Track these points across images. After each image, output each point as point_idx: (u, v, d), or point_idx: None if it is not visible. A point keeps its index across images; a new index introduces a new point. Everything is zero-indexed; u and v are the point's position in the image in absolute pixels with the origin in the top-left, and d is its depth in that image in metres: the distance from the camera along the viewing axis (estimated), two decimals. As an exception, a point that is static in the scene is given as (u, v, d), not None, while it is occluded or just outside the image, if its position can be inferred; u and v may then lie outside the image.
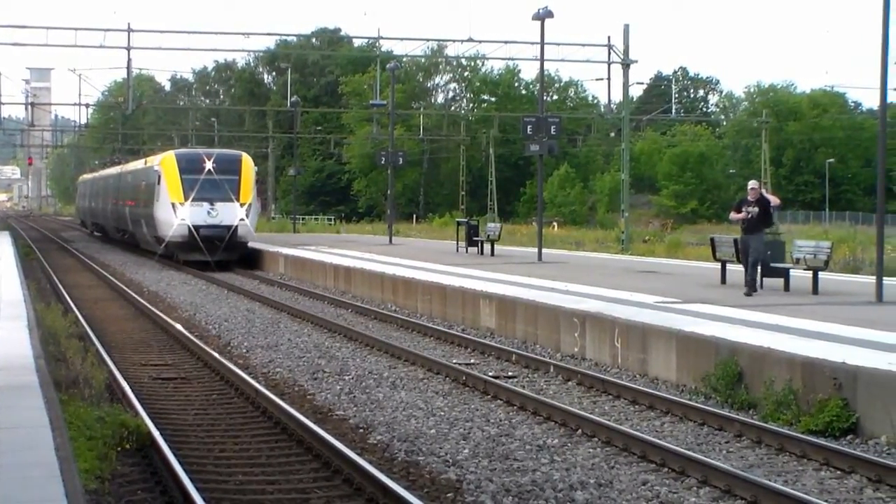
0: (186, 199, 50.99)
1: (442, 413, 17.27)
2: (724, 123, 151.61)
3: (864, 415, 15.26)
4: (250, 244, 53.22)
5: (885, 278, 25.61)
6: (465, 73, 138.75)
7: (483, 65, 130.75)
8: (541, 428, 16.22)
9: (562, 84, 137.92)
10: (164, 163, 53.56)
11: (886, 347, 17.07)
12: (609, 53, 63.32)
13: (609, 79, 64.28)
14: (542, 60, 41.76)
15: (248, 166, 53.06)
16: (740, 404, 17.31)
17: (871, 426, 15.10)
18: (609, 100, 67.65)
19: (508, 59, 73.67)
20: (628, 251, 56.26)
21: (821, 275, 27.11)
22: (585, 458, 14.31)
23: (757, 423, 15.85)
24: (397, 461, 14.02)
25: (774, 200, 26.00)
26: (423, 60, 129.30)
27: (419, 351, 23.55)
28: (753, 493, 12.26)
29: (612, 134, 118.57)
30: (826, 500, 12.07)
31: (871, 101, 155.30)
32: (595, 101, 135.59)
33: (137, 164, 65.94)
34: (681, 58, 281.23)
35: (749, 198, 25.65)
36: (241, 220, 51.09)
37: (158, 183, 52.95)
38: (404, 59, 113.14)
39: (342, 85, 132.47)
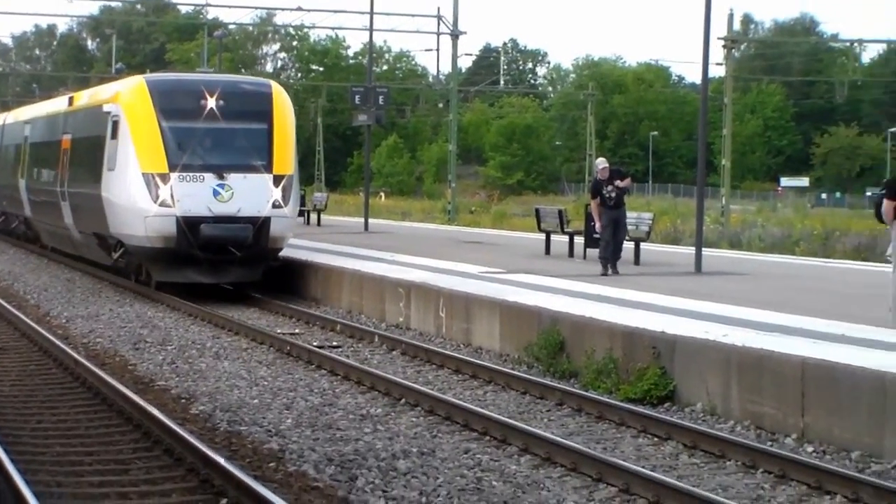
0: (173, 167, 26.33)
1: (265, 383, 17.16)
2: (552, 96, 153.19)
3: (681, 383, 15.56)
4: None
5: (703, 249, 26.15)
6: (294, 43, 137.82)
7: (312, 34, 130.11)
8: (364, 397, 16.22)
9: (392, 55, 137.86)
10: (128, 97, 28.01)
11: (703, 317, 17.43)
12: (438, 24, 63.55)
13: (438, 50, 64.90)
14: (371, 30, 41.77)
15: (285, 106, 28.07)
16: (562, 373, 17.52)
17: (688, 394, 15.40)
18: (438, 71, 68.04)
19: (339, 27, 73.57)
20: (454, 222, 56.59)
21: (643, 245, 27.58)
22: (408, 427, 14.35)
23: (578, 391, 16.07)
24: (219, 431, 13.88)
25: (626, 183, 24.90)
26: (251, 29, 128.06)
27: (243, 321, 23.38)
28: (573, 460, 12.42)
29: (441, 105, 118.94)
30: (643, 466, 12.27)
31: (693, 76, 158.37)
32: (424, 72, 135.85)
33: (61, 104, 36.93)
34: (511, 30, 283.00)
35: (599, 177, 24.70)
36: (276, 205, 26.66)
37: (114, 135, 27.73)
38: (232, 28, 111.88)
39: (169, 52, 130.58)
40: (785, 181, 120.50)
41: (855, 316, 17.37)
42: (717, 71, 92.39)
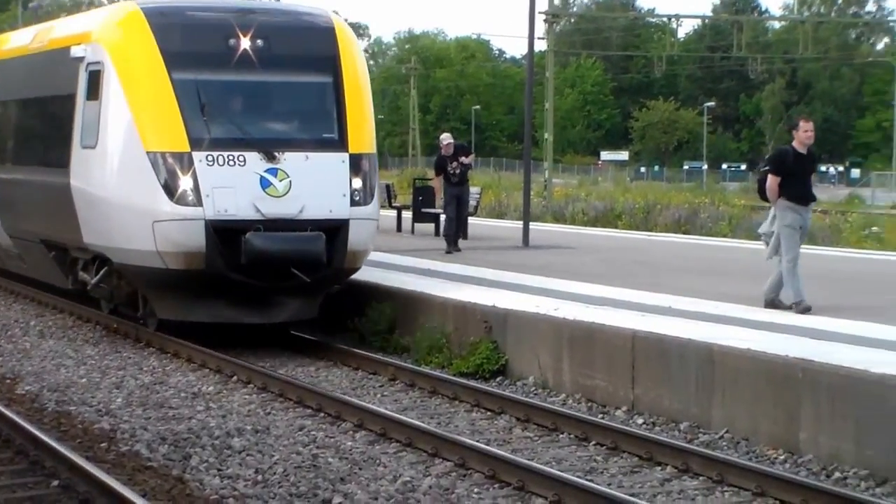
0: (196, 143, 17.04)
1: (93, 362, 16.85)
2: (374, 70, 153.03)
3: (513, 357, 15.70)
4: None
5: (530, 223, 26.42)
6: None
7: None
8: (195, 375, 16.04)
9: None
10: (115, 34, 18.27)
11: (533, 290, 17.61)
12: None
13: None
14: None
15: (355, 48, 18.94)
16: (395, 348, 17.54)
17: (520, 368, 15.55)
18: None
19: None
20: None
21: (470, 220, 27.75)
22: (241, 405, 14.23)
23: (411, 366, 16.11)
24: (48, 412, 13.60)
25: (470, 159, 24.39)
26: (67, 1, 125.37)
27: (68, 298, 22.88)
28: (408, 435, 12.45)
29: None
30: (477, 440, 12.36)
31: (513, 50, 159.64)
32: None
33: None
34: (331, 3, 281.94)
35: (444, 153, 24.12)
36: (357, 201, 17.48)
37: (92, 94, 18.38)
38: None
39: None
40: (605, 155, 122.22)
41: (680, 288, 17.71)
42: (538, 45, 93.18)
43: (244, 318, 17.31)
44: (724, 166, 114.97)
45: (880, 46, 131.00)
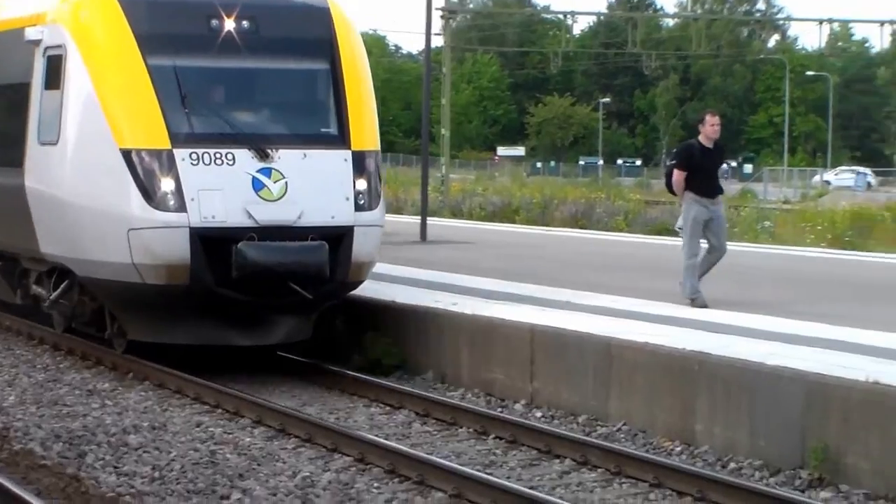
0: (178, 139, 14.92)
1: (-17, 359, 16.59)
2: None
3: (411, 352, 15.68)
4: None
5: (428, 219, 26.44)
6: None
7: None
8: (90, 372, 15.84)
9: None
10: (79, 13, 15.76)
11: (432, 285, 17.69)
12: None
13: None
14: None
15: (352, 33, 16.38)
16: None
17: (419, 362, 15.54)
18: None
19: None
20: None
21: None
22: (138, 402, 14.08)
23: (310, 361, 16.02)
24: (-62, 411, 13.38)
25: None
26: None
27: None
28: (307, 431, 12.41)
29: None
30: (377, 435, 12.34)
31: (409, 46, 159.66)
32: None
33: None
34: None
35: None
36: (362, 205, 15.39)
37: (51, 82, 15.99)
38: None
39: None
40: (501, 150, 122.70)
41: (579, 283, 17.81)
42: (434, 41, 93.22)
43: (233, 340, 15.22)
44: (620, 161, 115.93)
45: (771, 43, 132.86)
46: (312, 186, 15.05)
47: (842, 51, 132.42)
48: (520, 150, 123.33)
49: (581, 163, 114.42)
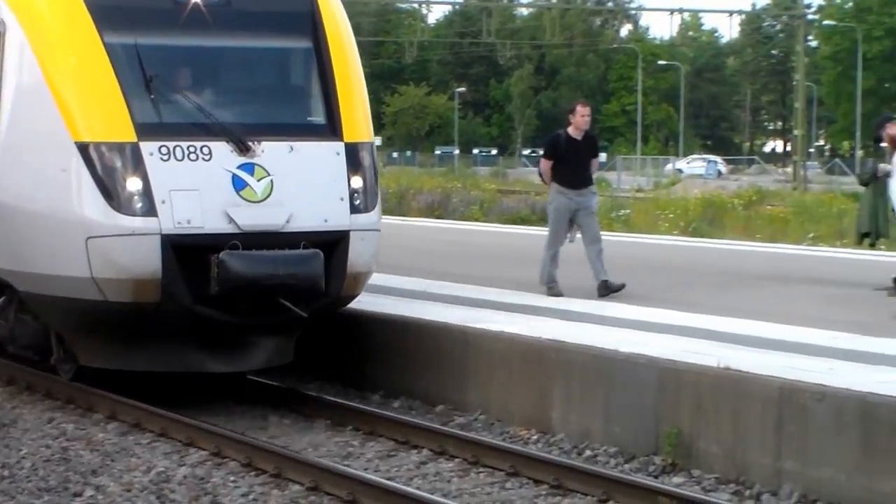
0: (145, 130, 12.57)
1: None
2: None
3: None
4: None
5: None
6: None
7: None
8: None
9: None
10: None
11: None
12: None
13: None
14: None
15: (337, 9, 14.02)
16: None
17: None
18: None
19: None
20: None
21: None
22: (-14, 399, 13.81)
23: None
24: None
25: None
26: None
27: None
28: (161, 425, 12.30)
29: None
30: (232, 429, 12.22)
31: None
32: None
33: None
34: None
35: None
36: (358, 206, 13.24)
37: None
38: None
39: None
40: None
41: (437, 273, 17.85)
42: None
43: (206, 367, 13.02)
44: (475, 151, 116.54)
45: (624, 33, 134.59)
46: (302, 185, 12.90)
47: (692, 40, 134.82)
48: (377, 140, 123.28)
49: (437, 152, 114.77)
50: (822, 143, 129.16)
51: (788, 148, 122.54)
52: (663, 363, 11.26)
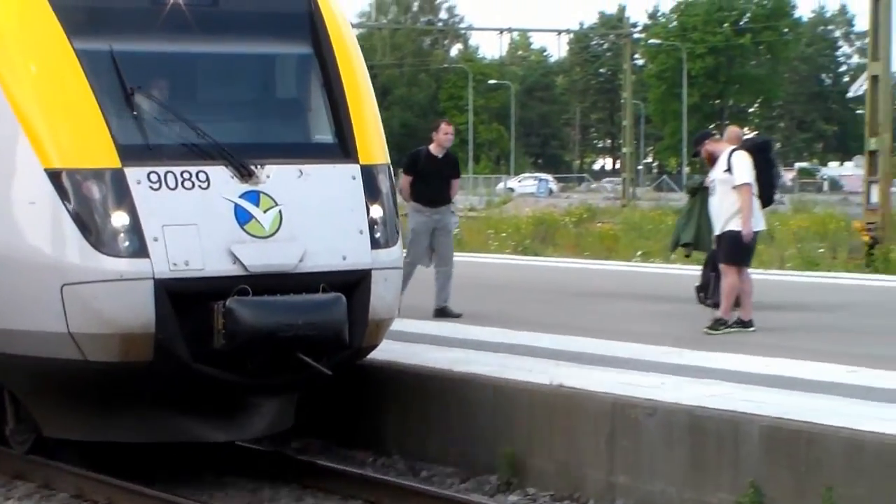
0: (130, 155, 10.30)
1: None
2: None
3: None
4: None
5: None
6: None
7: None
8: None
9: None
10: None
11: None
12: None
13: None
14: None
15: (338, 12, 11.73)
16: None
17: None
18: None
19: None
20: None
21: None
22: None
23: None
24: None
25: None
26: None
27: None
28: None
29: None
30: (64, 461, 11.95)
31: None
32: None
33: None
34: None
35: None
36: (379, 241, 11.03)
37: None
38: None
39: None
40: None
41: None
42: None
43: (202, 436, 10.79)
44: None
45: (454, 52, 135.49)
46: (315, 215, 10.83)
47: (522, 59, 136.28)
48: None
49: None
50: (650, 160, 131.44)
51: (618, 165, 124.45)
52: (497, 382, 11.31)
